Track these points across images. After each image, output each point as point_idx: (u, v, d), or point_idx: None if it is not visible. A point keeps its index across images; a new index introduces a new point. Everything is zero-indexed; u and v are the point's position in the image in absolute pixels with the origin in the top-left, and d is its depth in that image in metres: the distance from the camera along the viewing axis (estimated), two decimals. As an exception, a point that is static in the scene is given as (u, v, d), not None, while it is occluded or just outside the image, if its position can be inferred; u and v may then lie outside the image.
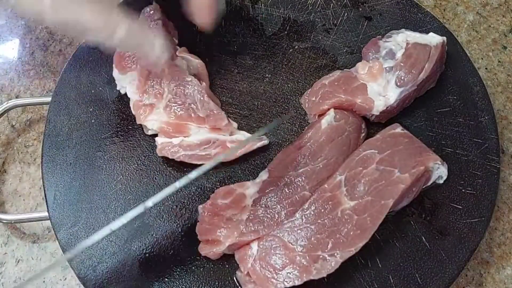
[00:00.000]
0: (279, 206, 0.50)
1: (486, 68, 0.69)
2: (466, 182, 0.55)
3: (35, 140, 0.64)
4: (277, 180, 0.51)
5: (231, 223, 0.50)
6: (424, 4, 0.72)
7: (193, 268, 0.52)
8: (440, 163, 0.53)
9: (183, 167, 0.56)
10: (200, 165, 0.51)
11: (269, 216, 0.50)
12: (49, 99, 0.59)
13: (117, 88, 0.59)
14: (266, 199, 0.51)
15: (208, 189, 0.55)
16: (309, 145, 0.53)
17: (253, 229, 0.49)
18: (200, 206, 0.53)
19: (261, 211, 0.50)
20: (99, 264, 0.51)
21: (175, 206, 0.54)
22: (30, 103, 0.62)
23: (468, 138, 0.57)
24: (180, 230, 0.53)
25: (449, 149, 0.57)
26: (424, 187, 0.54)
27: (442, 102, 0.60)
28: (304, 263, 0.47)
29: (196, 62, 0.59)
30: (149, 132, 0.57)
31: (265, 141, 0.56)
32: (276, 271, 0.47)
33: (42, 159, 0.56)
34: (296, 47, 0.63)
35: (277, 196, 0.50)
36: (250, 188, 0.51)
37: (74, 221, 0.53)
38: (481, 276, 0.57)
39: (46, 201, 0.54)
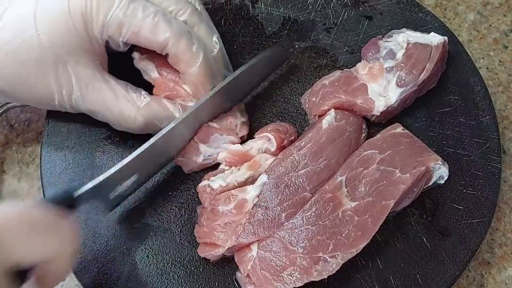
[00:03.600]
0: (279, 208, 0.50)
1: (487, 68, 0.69)
2: (467, 183, 0.55)
3: (34, 140, 0.64)
4: (277, 182, 0.51)
5: (230, 227, 0.50)
6: (425, 3, 0.72)
7: (193, 269, 0.52)
8: (441, 163, 0.53)
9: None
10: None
11: (269, 218, 0.49)
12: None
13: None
14: (267, 200, 0.50)
15: (207, 189, 0.55)
16: (309, 146, 0.52)
17: (252, 231, 0.49)
18: (198, 207, 0.53)
19: (261, 213, 0.50)
20: (98, 265, 0.51)
21: (174, 207, 0.54)
22: (29, 103, 0.62)
23: (469, 138, 0.57)
24: (179, 231, 0.53)
25: (450, 149, 0.57)
26: (425, 187, 0.54)
27: (443, 102, 0.59)
28: (305, 264, 0.47)
29: None
30: None
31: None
32: (277, 272, 0.47)
33: (40, 159, 0.56)
34: (296, 46, 0.63)
35: (278, 198, 0.50)
36: (251, 193, 0.51)
37: (73, 222, 0.53)
38: (482, 277, 0.57)
39: (45, 201, 0.54)
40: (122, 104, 0.51)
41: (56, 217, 0.39)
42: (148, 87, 0.55)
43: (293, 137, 0.55)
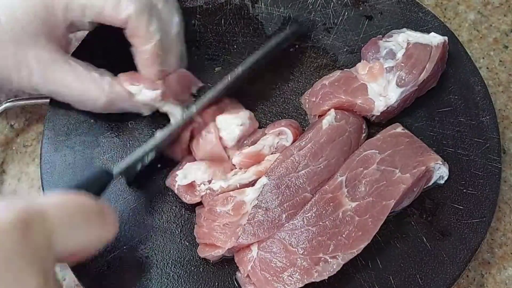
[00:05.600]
0: (279, 209, 0.50)
1: (487, 68, 0.69)
2: (467, 183, 0.55)
3: (34, 140, 0.63)
4: (278, 183, 0.51)
5: (229, 228, 0.50)
6: (425, 3, 0.72)
7: (192, 268, 0.52)
8: (441, 163, 0.53)
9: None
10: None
11: (269, 219, 0.49)
12: (48, 99, 0.59)
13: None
14: (267, 201, 0.50)
15: (207, 189, 0.55)
16: (310, 146, 0.52)
17: (252, 232, 0.49)
18: (197, 208, 0.53)
19: (261, 214, 0.49)
20: (98, 264, 0.51)
21: (174, 207, 0.54)
22: (29, 103, 0.62)
23: (469, 138, 0.57)
24: (179, 231, 0.53)
25: (450, 149, 0.57)
26: (425, 187, 0.54)
27: (443, 102, 0.59)
28: (305, 265, 0.47)
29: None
30: None
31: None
32: (277, 273, 0.47)
33: (41, 159, 0.56)
34: (296, 46, 0.63)
35: (278, 199, 0.50)
36: (249, 195, 0.51)
37: (73, 222, 0.53)
38: (482, 277, 0.57)
39: (45, 201, 0.54)
40: (85, 84, 0.52)
41: (102, 206, 0.39)
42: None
43: (298, 136, 0.55)
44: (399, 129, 0.55)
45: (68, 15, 0.51)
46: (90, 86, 0.52)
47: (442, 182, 0.54)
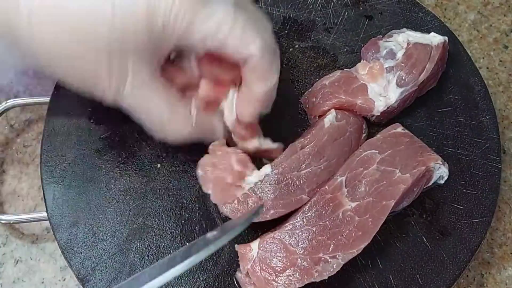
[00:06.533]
0: (271, 203, 0.49)
1: (487, 68, 0.69)
2: (467, 182, 0.55)
3: (34, 140, 0.64)
4: (279, 178, 0.50)
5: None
6: (425, 3, 0.72)
7: (193, 268, 0.51)
8: (441, 163, 0.53)
9: (182, 165, 0.56)
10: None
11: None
12: (48, 99, 0.59)
13: None
14: (263, 192, 0.50)
15: (208, 189, 0.55)
16: (312, 145, 0.52)
17: (237, 208, 0.50)
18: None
19: (252, 200, 0.49)
20: (98, 265, 0.51)
21: (174, 206, 0.54)
22: (29, 103, 0.62)
23: (469, 138, 0.57)
24: (179, 231, 0.53)
25: (450, 149, 0.57)
26: (425, 187, 0.54)
27: (443, 102, 0.59)
28: (305, 265, 0.47)
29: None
30: None
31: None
32: (276, 273, 0.47)
33: (41, 159, 0.56)
34: (296, 46, 0.63)
35: (274, 194, 0.49)
36: (251, 178, 0.50)
37: (73, 222, 0.53)
38: (482, 277, 0.57)
39: (45, 201, 0.54)
40: (174, 114, 0.48)
41: None
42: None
43: None
44: (399, 129, 0.55)
45: (184, 40, 0.44)
46: (177, 115, 0.48)
47: (442, 182, 0.54)
